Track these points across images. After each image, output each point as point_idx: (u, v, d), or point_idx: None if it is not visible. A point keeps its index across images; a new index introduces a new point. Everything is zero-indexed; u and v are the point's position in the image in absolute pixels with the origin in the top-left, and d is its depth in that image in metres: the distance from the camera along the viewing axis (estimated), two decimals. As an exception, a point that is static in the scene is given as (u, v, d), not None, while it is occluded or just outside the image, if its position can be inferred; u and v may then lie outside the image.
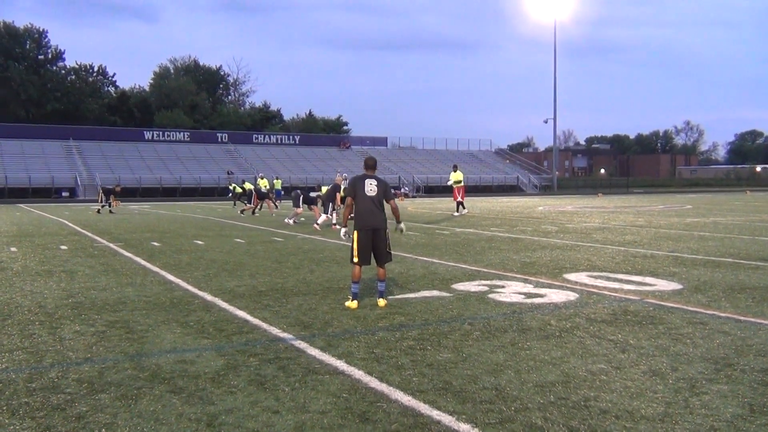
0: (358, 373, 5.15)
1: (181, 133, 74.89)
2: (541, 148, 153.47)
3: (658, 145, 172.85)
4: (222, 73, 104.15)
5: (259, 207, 28.35)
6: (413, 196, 58.39)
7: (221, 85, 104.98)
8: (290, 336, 6.36)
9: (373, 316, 7.22)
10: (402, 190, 59.88)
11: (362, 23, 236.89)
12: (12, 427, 4.11)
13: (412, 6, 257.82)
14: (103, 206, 29.87)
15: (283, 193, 36.02)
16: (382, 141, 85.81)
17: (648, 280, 9.63)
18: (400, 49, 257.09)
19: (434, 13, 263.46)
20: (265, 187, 33.35)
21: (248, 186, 37.00)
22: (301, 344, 6.05)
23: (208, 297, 8.43)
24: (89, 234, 18.30)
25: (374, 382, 4.93)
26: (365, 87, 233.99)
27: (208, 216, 27.26)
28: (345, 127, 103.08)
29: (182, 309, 7.68)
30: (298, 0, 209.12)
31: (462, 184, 26.23)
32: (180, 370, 5.26)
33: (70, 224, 22.54)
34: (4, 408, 4.44)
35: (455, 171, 26.44)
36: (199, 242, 15.60)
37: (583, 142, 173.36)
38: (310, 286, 9.19)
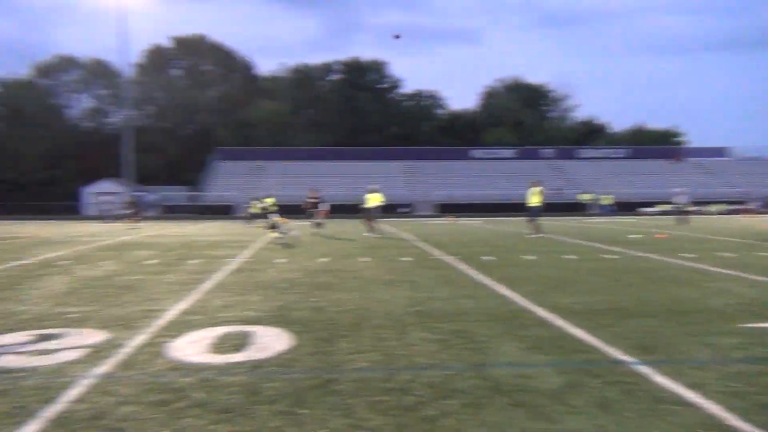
0: (714, 408, 4.66)
1: (507, 151, 77.25)
2: None
3: None
4: (545, 89, 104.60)
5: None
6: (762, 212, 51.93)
7: (545, 101, 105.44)
8: (632, 359, 6.02)
9: (727, 346, 6.50)
10: (753, 206, 53.78)
11: (687, 24, 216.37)
12: (371, 421, 4.52)
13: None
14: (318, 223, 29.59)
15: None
16: (721, 152, 78.13)
17: None
18: (747, 47, 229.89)
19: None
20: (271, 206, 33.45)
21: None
22: (644, 369, 5.69)
23: (543, 312, 8.40)
24: (425, 247, 19.63)
25: (733, 420, 4.42)
26: (707, 93, 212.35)
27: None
28: (677, 138, 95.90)
29: (518, 323, 7.76)
30: (616, 8, 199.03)
31: None
32: (520, 384, 5.30)
33: (410, 237, 24.44)
34: (363, 403, 4.91)
35: None
36: (529, 257, 15.72)
37: None
38: (649, 307, 8.63)
